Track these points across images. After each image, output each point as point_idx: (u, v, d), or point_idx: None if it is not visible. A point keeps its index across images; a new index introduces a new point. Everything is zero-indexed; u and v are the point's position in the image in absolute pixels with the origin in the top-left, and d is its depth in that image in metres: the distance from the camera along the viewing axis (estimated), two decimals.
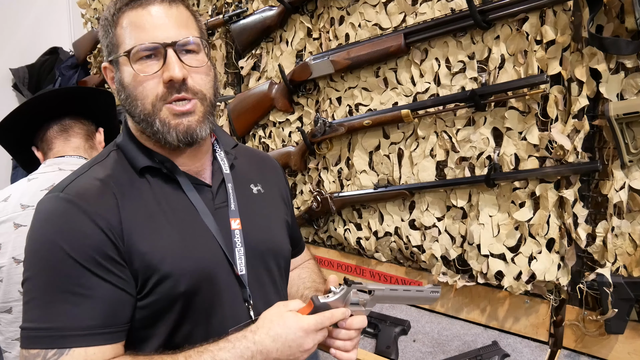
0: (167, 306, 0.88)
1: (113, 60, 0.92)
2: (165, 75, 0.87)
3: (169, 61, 0.87)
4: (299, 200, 1.97)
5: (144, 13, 0.89)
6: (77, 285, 0.81)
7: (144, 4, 0.89)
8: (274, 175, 1.19)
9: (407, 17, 1.55)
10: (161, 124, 0.90)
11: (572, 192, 1.30)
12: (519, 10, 1.30)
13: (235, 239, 0.97)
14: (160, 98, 0.89)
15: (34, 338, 0.80)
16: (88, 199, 0.85)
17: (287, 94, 1.88)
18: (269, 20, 1.86)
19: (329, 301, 0.92)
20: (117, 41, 0.90)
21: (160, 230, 0.89)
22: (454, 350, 1.46)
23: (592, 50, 1.23)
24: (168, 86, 0.88)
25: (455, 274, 1.56)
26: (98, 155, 0.98)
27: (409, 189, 1.59)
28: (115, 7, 0.90)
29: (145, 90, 0.89)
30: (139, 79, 0.88)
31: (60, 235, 0.82)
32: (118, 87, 0.93)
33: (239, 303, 0.96)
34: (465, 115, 1.47)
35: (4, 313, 1.36)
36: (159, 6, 0.89)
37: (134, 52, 0.87)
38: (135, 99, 0.90)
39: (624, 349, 1.28)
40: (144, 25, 0.88)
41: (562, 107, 1.31)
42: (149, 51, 0.88)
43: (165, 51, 0.88)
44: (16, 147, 1.57)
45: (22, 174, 2.90)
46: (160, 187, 0.93)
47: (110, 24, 0.91)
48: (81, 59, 2.96)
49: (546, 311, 1.41)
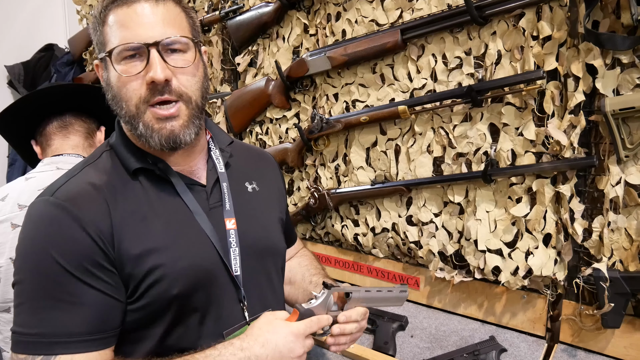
0: (162, 308, 0.88)
1: (102, 59, 0.90)
2: (148, 77, 0.85)
3: (152, 62, 0.85)
4: (296, 197, 1.97)
5: (129, 11, 0.86)
6: (65, 293, 0.81)
7: (130, 2, 0.87)
8: (269, 171, 1.18)
9: (403, 13, 1.55)
10: (144, 127, 0.88)
11: (569, 188, 1.30)
12: (516, 6, 1.30)
13: (230, 239, 0.96)
14: (144, 100, 0.87)
15: (23, 343, 0.80)
16: (79, 204, 0.84)
17: (284, 90, 1.87)
18: (266, 17, 1.86)
19: (313, 307, 0.95)
20: (104, 39, 0.89)
21: (153, 232, 0.88)
22: (452, 345, 1.46)
23: (588, 46, 1.23)
24: (151, 88, 0.86)
25: (452, 270, 1.56)
26: (90, 156, 0.97)
27: (406, 185, 1.59)
28: (103, 4, 0.89)
29: (129, 92, 0.87)
30: (123, 79, 0.86)
31: (49, 242, 0.82)
32: (105, 87, 0.91)
33: (234, 304, 0.96)
34: (462, 111, 1.47)
35: (3, 312, 1.35)
36: (146, 3, 0.87)
37: (117, 51, 0.86)
38: (120, 100, 0.88)
39: (621, 343, 1.29)
40: (128, 24, 0.86)
41: (559, 102, 1.31)
42: (132, 51, 0.86)
43: (148, 51, 0.85)
44: (17, 139, 1.56)
45: (18, 172, 2.90)
46: (153, 189, 0.92)
47: (99, 22, 0.89)
48: (77, 55, 2.95)
49: (543, 306, 1.41)
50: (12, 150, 3.07)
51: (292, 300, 1.20)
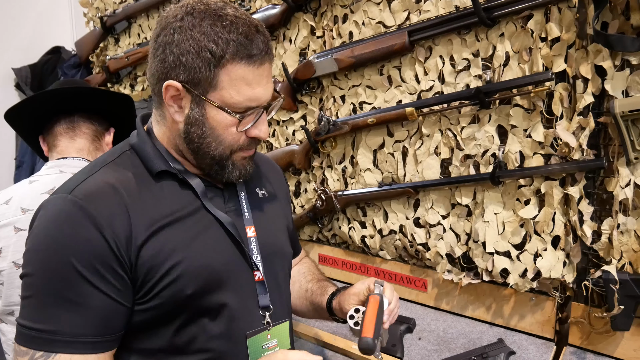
0: (175, 307, 0.88)
1: (194, 93, 0.87)
2: (254, 133, 0.92)
3: (262, 121, 0.93)
4: (303, 199, 1.97)
5: (258, 72, 0.87)
6: (72, 292, 0.81)
7: (259, 62, 0.87)
8: (275, 178, 1.20)
9: (411, 15, 1.55)
10: (232, 166, 0.94)
11: (578, 190, 1.30)
12: (524, 7, 1.30)
13: (252, 246, 0.99)
14: (239, 147, 0.93)
15: (26, 336, 0.81)
16: (96, 204, 0.84)
17: (290, 92, 1.87)
18: (272, 19, 1.86)
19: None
20: (214, 82, 0.86)
21: (173, 233, 0.89)
22: (460, 347, 1.46)
23: (597, 47, 1.22)
24: (251, 141, 0.94)
25: (460, 272, 1.56)
26: (108, 155, 0.96)
27: (414, 187, 1.59)
28: (226, 46, 0.84)
29: (228, 138, 0.91)
30: (234, 130, 0.91)
31: (63, 240, 0.82)
32: (192, 121, 0.89)
33: (253, 308, 0.98)
34: (470, 113, 1.47)
35: (7, 315, 1.36)
36: (269, 66, 0.90)
37: (241, 108, 0.89)
38: (217, 143, 0.91)
39: (630, 345, 1.28)
40: (257, 84, 0.88)
41: (567, 104, 1.30)
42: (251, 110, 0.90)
43: (262, 111, 0.92)
44: (25, 132, 1.56)
45: (26, 174, 2.92)
46: (174, 191, 0.93)
47: (214, 61, 0.84)
48: (84, 58, 2.96)
49: (552, 308, 1.41)
50: (20, 152, 3.08)
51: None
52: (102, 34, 2.79)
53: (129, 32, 2.72)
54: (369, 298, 1.00)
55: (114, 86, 2.83)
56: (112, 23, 2.70)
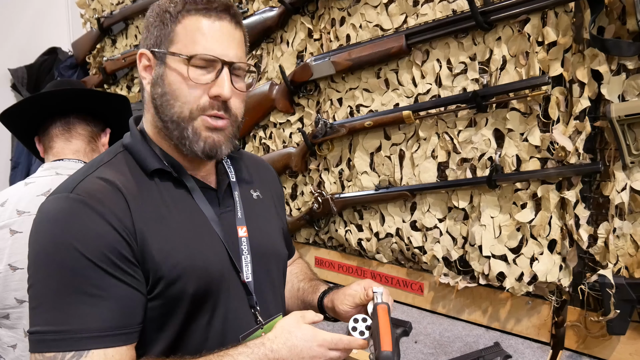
0: (175, 309, 0.88)
1: (157, 52, 0.91)
2: (214, 90, 0.90)
3: (222, 78, 0.90)
4: (300, 202, 1.97)
5: (214, 25, 0.90)
6: (92, 286, 0.80)
7: (215, 17, 0.90)
8: (270, 181, 1.21)
9: (408, 18, 1.55)
10: (192, 132, 0.91)
11: (574, 193, 1.30)
12: (521, 11, 1.30)
13: (242, 246, 0.99)
14: (200, 108, 0.90)
15: (50, 341, 0.79)
16: (99, 199, 0.84)
17: (287, 94, 1.87)
18: (270, 21, 1.86)
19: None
20: (173, 38, 0.90)
21: (171, 232, 0.89)
22: (456, 351, 1.46)
23: (593, 52, 1.23)
24: (212, 100, 0.91)
25: (456, 275, 1.56)
26: (104, 156, 0.96)
27: (410, 190, 1.59)
28: (182, 3, 0.90)
29: (190, 96, 0.90)
30: (189, 83, 0.89)
31: (72, 235, 0.81)
32: (155, 80, 0.92)
33: (244, 308, 0.97)
34: (467, 117, 1.47)
35: (2, 319, 1.34)
36: (228, 24, 0.92)
37: (196, 58, 0.88)
38: (175, 99, 0.90)
39: (626, 349, 1.28)
40: (211, 36, 0.90)
41: (564, 108, 1.31)
42: (206, 62, 0.89)
43: (221, 67, 0.90)
44: (20, 132, 1.54)
45: (21, 175, 2.91)
46: (168, 190, 0.93)
47: (171, 19, 0.90)
48: (80, 59, 2.96)
49: (548, 312, 1.41)
50: (16, 153, 3.07)
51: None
52: (99, 35, 2.79)
53: (126, 34, 2.71)
54: (377, 309, 0.96)
55: (110, 87, 2.82)
56: (109, 24, 2.70)
